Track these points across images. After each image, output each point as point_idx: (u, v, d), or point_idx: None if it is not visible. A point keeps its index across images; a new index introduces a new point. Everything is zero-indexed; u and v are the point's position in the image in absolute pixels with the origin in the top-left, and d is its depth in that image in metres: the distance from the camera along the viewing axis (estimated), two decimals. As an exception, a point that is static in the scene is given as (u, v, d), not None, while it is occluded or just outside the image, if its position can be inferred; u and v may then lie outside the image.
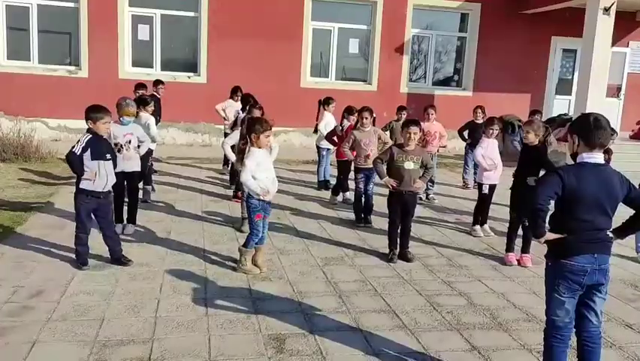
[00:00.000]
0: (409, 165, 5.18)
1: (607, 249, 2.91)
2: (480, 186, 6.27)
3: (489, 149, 6.26)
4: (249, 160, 4.57)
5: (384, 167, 5.27)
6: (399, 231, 5.36)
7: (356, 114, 7.11)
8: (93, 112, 4.60)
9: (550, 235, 2.91)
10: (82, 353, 3.32)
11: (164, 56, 11.89)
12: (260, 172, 4.60)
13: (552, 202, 2.90)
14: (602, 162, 2.87)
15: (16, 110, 10.93)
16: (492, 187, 6.23)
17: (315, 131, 8.30)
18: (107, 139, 4.86)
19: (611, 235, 2.93)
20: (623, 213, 2.98)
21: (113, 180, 4.74)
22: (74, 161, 4.51)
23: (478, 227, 6.33)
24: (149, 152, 7.02)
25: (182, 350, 3.42)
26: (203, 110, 11.39)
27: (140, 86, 8.66)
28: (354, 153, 6.68)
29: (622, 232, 3.03)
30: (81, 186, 4.59)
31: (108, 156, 4.70)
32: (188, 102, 11.49)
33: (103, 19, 11.18)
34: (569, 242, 2.86)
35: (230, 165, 8.33)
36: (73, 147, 4.57)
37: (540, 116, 8.61)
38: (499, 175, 6.21)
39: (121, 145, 5.48)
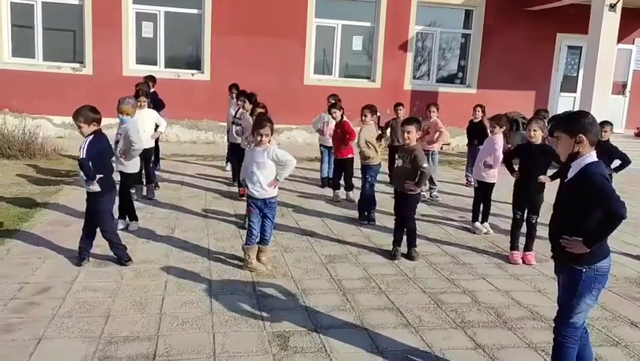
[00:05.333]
0: (398, 162, 5.26)
1: None
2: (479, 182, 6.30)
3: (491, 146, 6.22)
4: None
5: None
6: (404, 230, 5.36)
7: (335, 110, 7.28)
8: (96, 113, 4.57)
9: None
10: (87, 350, 3.33)
11: (167, 53, 11.89)
12: None
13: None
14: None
15: (21, 107, 10.98)
16: (487, 185, 6.21)
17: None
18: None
19: None
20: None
21: None
22: None
23: (478, 223, 6.32)
24: (149, 151, 6.92)
25: (187, 346, 3.43)
26: (206, 108, 11.42)
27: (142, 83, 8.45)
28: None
29: None
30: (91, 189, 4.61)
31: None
32: (192, 99, 11.50)
33: (107, 17, 11.19)
34: (602, 245, 2.82)
35: (231, 163, 8.35)
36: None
37: (547, 115, 8.58)
38: (490, 173, 6.15)
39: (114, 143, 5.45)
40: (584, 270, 2.83)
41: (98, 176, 4.49)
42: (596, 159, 2.83)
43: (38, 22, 11.29)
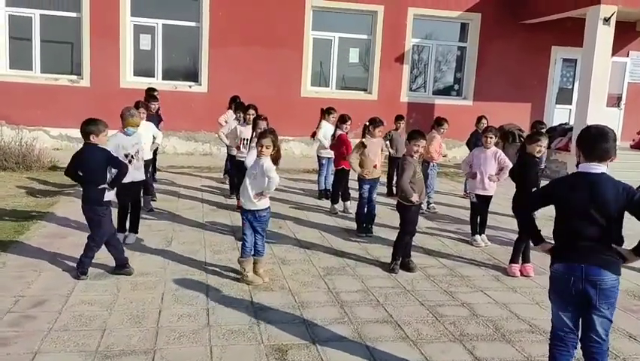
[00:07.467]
0: (418, 175, 5.30)
1: (599, 260, 2.82)
2: (469, 195, 6.35)
3: (483, 158, 6.22)
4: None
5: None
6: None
7: (349, 123, 7.44)
8: (95, 125, 4.59)
9: (547, 245, 3.04)
10: (83, 364, 3.31)
11: (165, 65, 11.94)
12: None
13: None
14: (599, 172, 2.84)
15: (18, 119, 10.97)
16: (484, 197, 6.21)
17: (313, 136, 8.35)
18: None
19: (619, 250, 2.85)
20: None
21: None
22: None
23: (477, 237, 6.32)
24: (154, 161, 7.13)
25: (184, 360, 3.40)
26: (203, 119, 11.43)
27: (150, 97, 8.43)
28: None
29: (637, 250, 2.89)
30: (107, 198, 4.64)
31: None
32: (189, 111, 11.53)
33: (105, 29, 11.24)
34: (556, 249, 2.97)
35: (229, 174, 8.36)
36: (119, 160, 4.77)
37: (544, 127, 8.64)
38: (491, 186, 6.14)
39: (132, 155, 5.49)
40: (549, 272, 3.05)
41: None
42: (585, 170, 2.86)
43: (36, 35, 11.33)
